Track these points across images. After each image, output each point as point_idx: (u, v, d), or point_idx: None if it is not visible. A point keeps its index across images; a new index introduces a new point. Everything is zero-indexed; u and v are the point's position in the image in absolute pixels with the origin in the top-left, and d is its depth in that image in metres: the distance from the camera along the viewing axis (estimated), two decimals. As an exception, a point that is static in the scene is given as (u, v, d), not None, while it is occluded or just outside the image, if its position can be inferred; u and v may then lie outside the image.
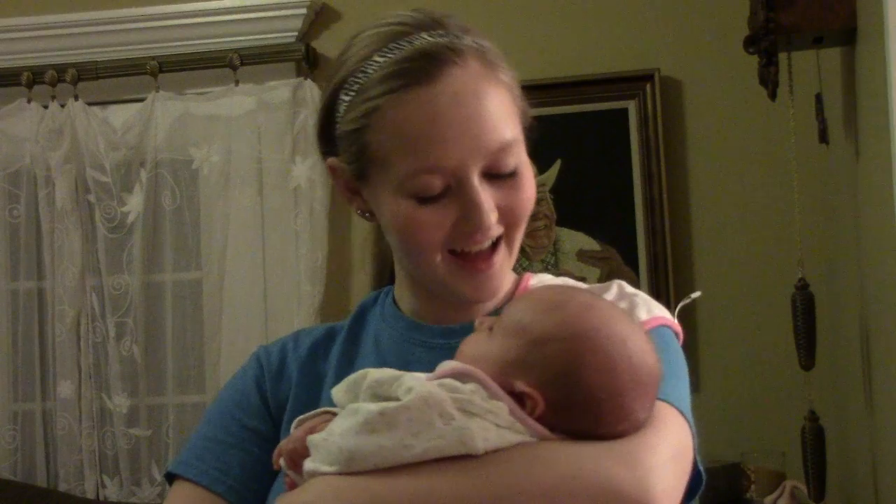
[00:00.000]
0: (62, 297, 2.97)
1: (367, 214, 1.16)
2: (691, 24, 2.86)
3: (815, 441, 2.28)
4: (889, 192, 1.88)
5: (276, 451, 1.02)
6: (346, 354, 1.19)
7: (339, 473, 0.91)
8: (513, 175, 1.08)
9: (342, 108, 1.10)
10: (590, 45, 2.88)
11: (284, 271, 2.92)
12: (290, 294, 2.91)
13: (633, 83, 2.83)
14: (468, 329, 1.11)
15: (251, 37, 2.98)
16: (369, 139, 1.06)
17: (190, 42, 3.01)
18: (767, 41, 2.20)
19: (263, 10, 2.97)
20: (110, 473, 2.97)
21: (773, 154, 2.73)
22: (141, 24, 3.02)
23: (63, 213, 2.98)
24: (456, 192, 1.05)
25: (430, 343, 1.15)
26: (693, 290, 2.79)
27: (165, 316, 3.01)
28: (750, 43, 2.28)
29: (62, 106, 3.01)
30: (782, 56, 2.26)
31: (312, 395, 1.16)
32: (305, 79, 2.94)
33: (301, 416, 1.03)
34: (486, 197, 1.05)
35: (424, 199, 1.05)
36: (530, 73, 2.87)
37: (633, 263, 2.80)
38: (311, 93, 2.91)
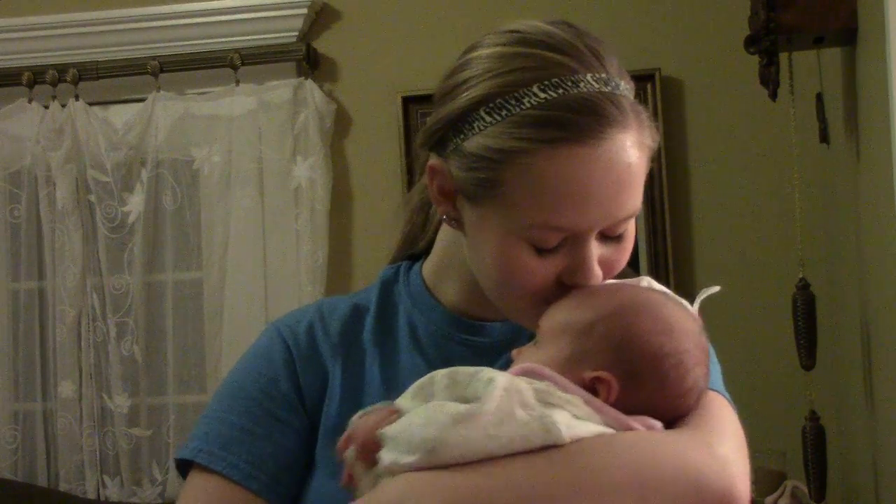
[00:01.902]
0: (63, 297, 2.97)
1: (453, 222, 1.07)
2: (692, 24, 2.85)
3: (815, 441, 2.28)
4: (890, 192, 1.87)
5: (340, 442, 0.97)
6: (382, 344, 1.13)
7: (418, 467, 0.88)
8: (620, 236, 1.04)
9: (479, 125, 0.99)
10: (590, 45, 2.88)
11: (285, 271, 2.92)
12: (291, 294, 2.91)
13: (633, 83, 2.82)
14: (506, 329, 1.12)
15: (252, 37, 2.98)
16: (502, 175, 0.98)
17: (191, 42, 3.01)
18: (768, 41, 2.20)
19: (264, 10, 2.97)
20: (111, 473, 2.97)
21: (774, 154, 2.73)
22: (141, 24, 3.02)
23: (64, 213, 2.98)
24: (570, 246, 1.01)
25: (471, 342, 1.12)
26: (693, 290, 2.79)
27: (166, 316, 3.01)
28: (751, 43, 2.28)
29: (63, 106, 3.01)
30: (783, 56, 2.26)
31: (352, 390, 1.10)
32: (306, 79, 2.94)
33: (363, 410, 0.99)
34: (597, 256, 1.02)
35: (539, 250, 1.00)
36: (531, 73, 2.88)
37: (633, 263, 2.77)
38: (312, 93, 2.91)
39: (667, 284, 3.08)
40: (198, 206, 3.03)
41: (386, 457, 0.91)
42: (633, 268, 3.23)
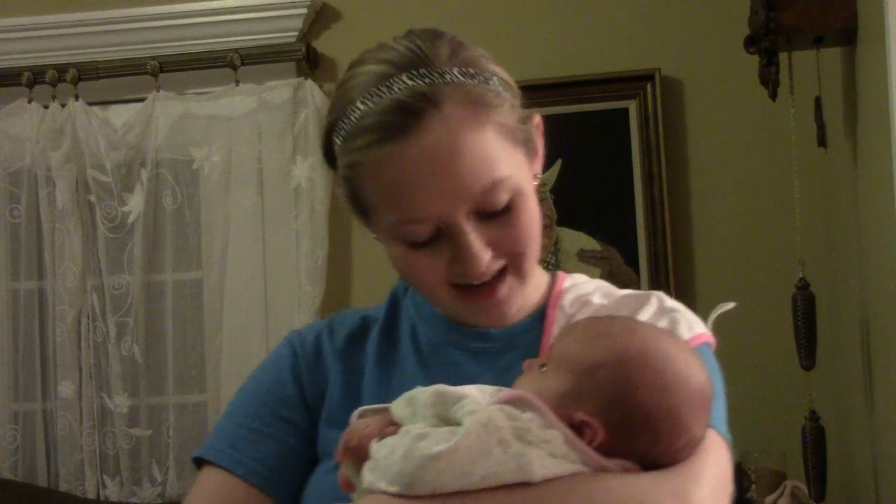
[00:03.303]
0: (63, 297, 2.97)
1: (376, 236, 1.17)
2: (692, 24, 2.85)
3: (815, 441, 2.28)
4: (889, 192, 1.88)
5: (340, 444, 1.01)
6: (384, 350, 1.18)
7: (394, 494, 0.91)
8: (507, 209, 1.06)
9: (336, 148, 1.11)
10: (590, 45, 2.88)
11: (285, 271, 2.92)
12: (291, 294, 2.91)
13: (633, 83, 2.83)
14: (505, 333, 1.13)
15: (252, 37, 2.98)
16: (358, 188, 1.08)
17: (190, 42, 3.01)
18: (768, 41, 2.20)
19: (264, 10, 2.97)
20: (111, 473, 2.97)
21: (774, 153, 2.73)
22: (141, 24, 3.02)
23: (63, 213, 2.98)
24: (446, 233, 1.05)
25: (469, 347, 1.15)
26: (692, 290, 2.80)
27: (166, 316, 3.01)
28: (750, 43, 2.28)
29: (63, 106, 3.01)
30: (783, 56, 2.27)
31: (352, 389, 1.15)
32: (306, 79, 2.93)
33: (363, 408, 1.04)
34: (477, 238, 1.04)
35: (415, 245, 1.06)
36: (530, 73, 2.88)
37: (633, 263, 2.80)
38: (312, 93, 2.91)
39: (666, 285, 3.06)
40: (197, 206, 3.03)
41: (368, 477, 0.94)
42: (633, 268, 3.22)
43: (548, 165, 2.81)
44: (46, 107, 3.01)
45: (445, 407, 0.94)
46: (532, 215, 1.08)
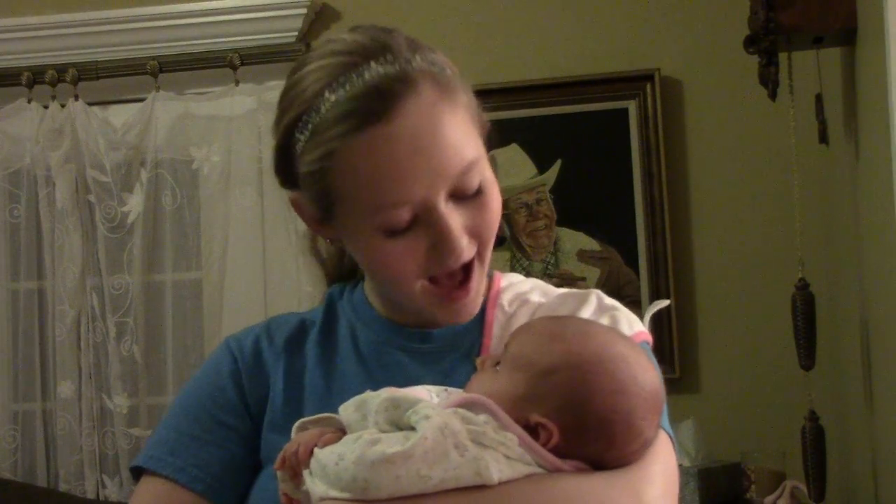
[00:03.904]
0: (62, 297, 2.97)
1: (337, 242, 1.16)
2: (692, 24, 2.86)
3: (815, 441, 2.28)
4: (889, 192, 1.88)
5: (280, 456, 0.99)
6: (323, 351, 1.16)
7: (351, 500, 0.90)
8: (478, 193, 1.06)
9: (298, 147, 1.07)
10: (590, 45, 2.88)
11: (284, 271, 2.92)
12: (290, 294, 2.90)
13: (633, 83, 2.83)
14: (446, 333, 1.13)
15: (251, 37, 2.98)
16: (330, 181, 1.05)
17: (190, 42, 3.01)
18: (768, 41, 2.20)
19: (263, 10, 2.97)
20: (110, 473, 2.97)
21: (774, 154, 2.73)
22: (141, 24, 3.02)
23: (63, 213, 2.98)
24: (424, 220, 1.03)
25: (410, 347, 1.14)
26: (692, 291, 2.80)
27: (165, 316, 3.01)
28: (750, 43, 2.28)
29: (62, 106, 3.01)
30: (782, 56, 2.26)
31: (293, 393, 1.13)
32: (305, 79, 2.93)
33: (303, 420, 1.02)
34: (455, 220, 1.04)
35: (393, 233, 1.04)
36: (530, 73, 2.88)
37: (633, 263, 2.80)
38: (312, 93, 2.91)
39: (666, 284, 3.06)
40: (197, 206, 3.03)
41: (319, 488, 0.93)
42: (633, 268, 3.21)
43: (547, 165, 2.84)
44: (46, 107, 3.01)
45: (398, 412, 0.93)
46: (499, 205, 1.09)
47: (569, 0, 2.90)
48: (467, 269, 1.08)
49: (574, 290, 1.17)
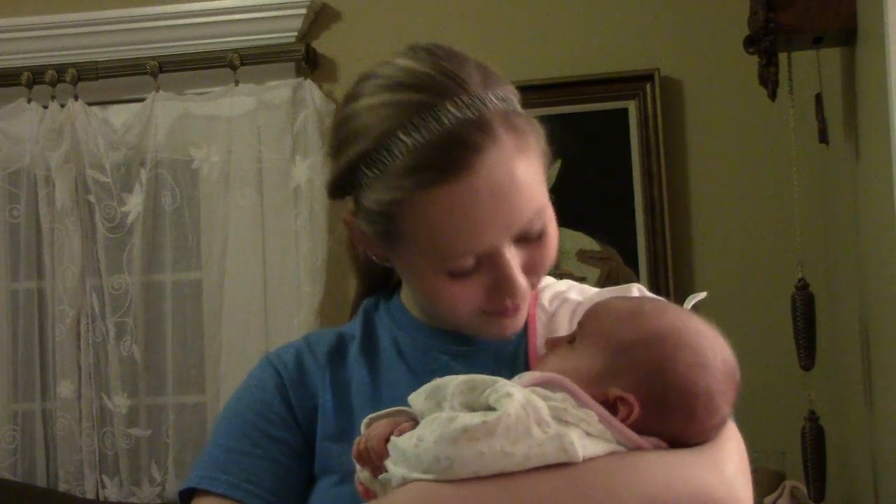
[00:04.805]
0: (62, 297, 2.97)
1: (385, 261, 1.13)
2: (691, 24, 2.86)
3: (814, 441, 2.28)
4: (889, 192, 1.88)
5: (354, 448, 0.98)
6: (367, 362, 1.16)
7: (436, 481, 0.90)
8: (540, 234, 1.06)
9: (364, 180, 1.03)
10: (590, 46, 2.88)
11: (284, 271, 2.92)
12: (290, 294, 2.91)
13: (633, 83, 2.83)
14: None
15: (251, 37, 2.98)
16: (398, 224, 1.02)
17: (190, 42, 3.01)
18: (767, 41, 2.20)
19: (263, 10, 2.97)
20: (110, 474, 2.97)
21: (773, 154, 2.73)
22: (141, 24, 3.02)
23: (63, 213, 2.98)
24: (487, 263, 1.03)
25: (455, 351, 1.13)
26: (692, 291, 2.79)
27: (165, 316, 3.01)
28: (750, 43, 2.28)
29: (62, 106, 3.01)
30: (782, 56, 2.26)
31: (343, 403, 1.12)
32: (305, 79, 2.93)
33: (372, 415, 1.01)
34: (517, 265, 1.04)
35: (456, 275, 1.03)
36: (530, 74, 2.88)
37: (633, 263, 2.80)
38: (312, 93, 2.91)
39: (666, 285, 3.06)
40: (197, 207, 3.03)
41: (398, 471, 0.92)
42: (633, 268, 3.21)
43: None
44: (46, 107, 3.01)
45: (476, 394, 0.92)
46: (556, 238, 1.09)
47: (568, 0, 2.91)
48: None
49: (616, 287, 1.17)
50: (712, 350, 0.99)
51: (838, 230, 2.53)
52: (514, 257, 1.04)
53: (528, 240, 1.05)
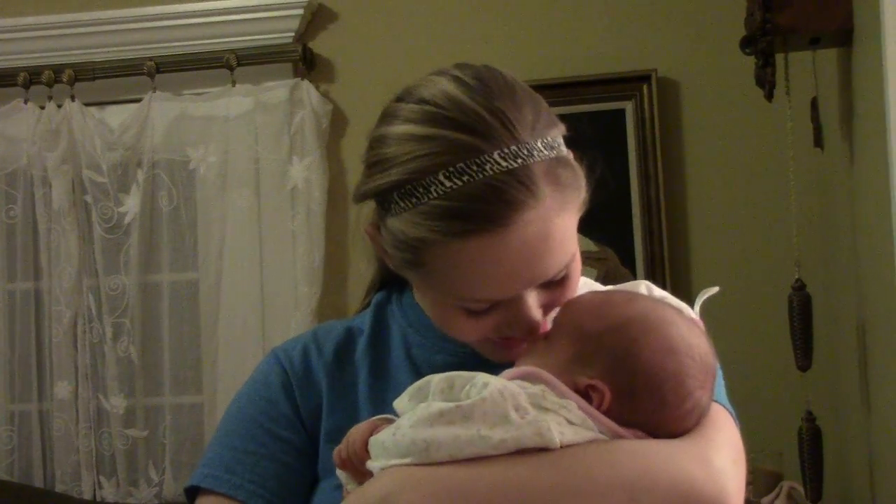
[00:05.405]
0: (59, 298, 2.97)
1: (401, 273, 1.11)
2: (688, 25, 2.86)
3: (812, 442, 2.28)
4: (885, 193, 1.88)
5: (335, 456, 0.99)
6: (374, 361, 1.15)
7: (413, 464, 0.90)
8: (563, 279, 1.04)
9: (395, 207, 1.00)
10: (587, 46, 2.88)
11: (281, 272, 2.92)
12: (287, 295, 2.90)
13: (630, 84, 2.83)
14: None
15: (248, 37, 2.98)
16: (423, 258, 1.00)
17: (187, 42, 3.01)
18: (764, 42, 2.20)
19: (260, 11, 2.97)
20: (107, 474, 2.97)
21: (771, 154, 2.73)
22: (138, 25, 3.02)
23: (60, 214, 2.98)
24: (507, 303, 1.01)
25: (457, 351, 1.12)
26: (690, 291, 2.79)
27: (162, 316, 3.01)
28: (747, 44, 2.28)
29: (59, 106, 3.01)
30: (779, 57, 2.27)
31: (347, 403, 1.12)
32: (302, 79, 2.93)
33: (356, 426, 1.01)
34: (535, 303, 1.02)
35: (472, 312, 1.02)
36: (527, 74, 2.86)
37: (630, 264, 2.80)
38: (308, 93, 2.91)
39: (663, 286, 3.06)
40: (194, 207, 3.02)
41: (376, 465, 0.93)
42: (630, 269, 3.21)
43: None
44: (43, 107, 3.01)
45: (455, 391, 0.93)
46: (579, 277, 1.07)
47: (565, 1, 2.91)
48: None
49: (625, 283, 1.16)
50: (680, 336, 0.99)
51: (835, 230, 2.54)
52: (534, 300, 1.02)
53: (551, 284, 1.03)
